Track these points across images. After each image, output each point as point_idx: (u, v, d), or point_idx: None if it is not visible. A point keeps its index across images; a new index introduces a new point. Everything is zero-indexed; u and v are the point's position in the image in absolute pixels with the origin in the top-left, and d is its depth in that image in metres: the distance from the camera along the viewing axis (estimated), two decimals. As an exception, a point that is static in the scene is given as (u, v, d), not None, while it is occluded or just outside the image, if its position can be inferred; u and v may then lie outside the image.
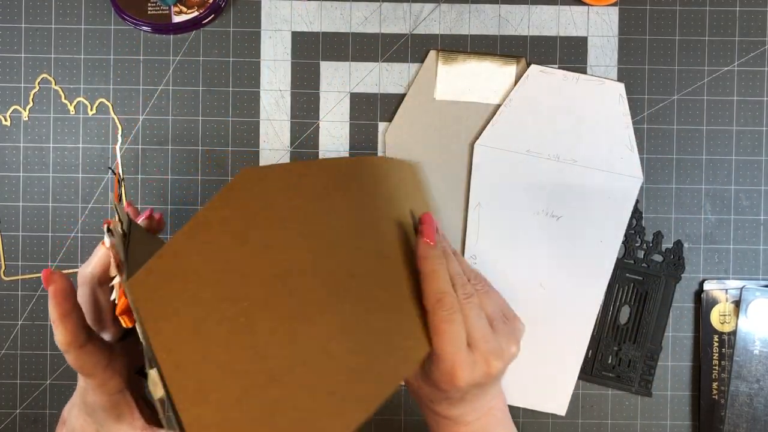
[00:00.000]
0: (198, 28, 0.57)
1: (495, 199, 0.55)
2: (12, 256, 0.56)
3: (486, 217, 0.55)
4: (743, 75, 0.57)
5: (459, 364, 0.40)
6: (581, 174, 0.55)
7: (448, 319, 0.40)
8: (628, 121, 0.55)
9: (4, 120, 0.56)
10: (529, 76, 0.56)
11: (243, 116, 0.57)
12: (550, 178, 0.55)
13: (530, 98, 0.55)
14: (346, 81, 0.57)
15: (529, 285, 0.55)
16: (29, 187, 0.56)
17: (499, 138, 0.55)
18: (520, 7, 0.57)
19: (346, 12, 0.57)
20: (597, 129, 0.55)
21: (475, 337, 0.41)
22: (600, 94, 0.55)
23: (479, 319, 0.42)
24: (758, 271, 0.57)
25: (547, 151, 0.55)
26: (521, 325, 0.44)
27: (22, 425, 0.57)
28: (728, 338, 0.55)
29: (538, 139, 0.55)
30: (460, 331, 0.40)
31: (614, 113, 0.55)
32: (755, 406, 0.55)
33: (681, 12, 0.57)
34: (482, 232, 0.55)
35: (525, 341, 0.54)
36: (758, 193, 0.57)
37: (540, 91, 0.55)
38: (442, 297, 0.41)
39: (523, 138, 0.55)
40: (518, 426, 0.56)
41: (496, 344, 0.42)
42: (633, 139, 0.55)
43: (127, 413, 0.42)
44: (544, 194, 0.55)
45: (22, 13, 0.56)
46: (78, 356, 0.40)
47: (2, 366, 0.57)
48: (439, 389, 0.42)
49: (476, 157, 0.55)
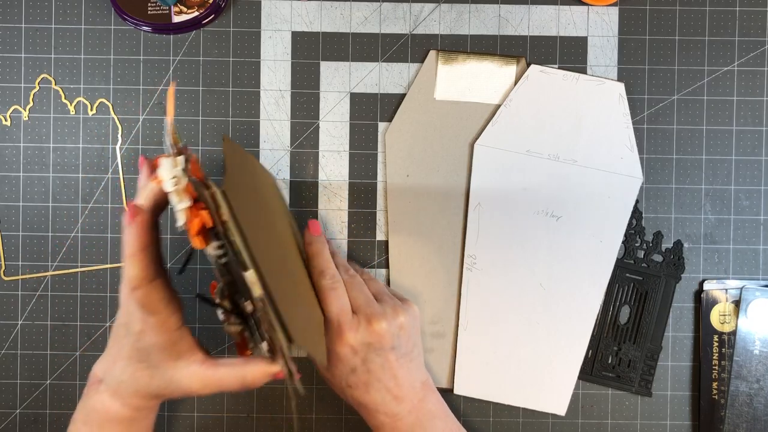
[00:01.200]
0: (198, 28, 0.57)
1: (495, 199, 0.55)
2: (12, 256, 0.57)
3: (486, 217, 0.55)
4: (743, 75, 0.57)
5: (345, 323, 0.47)
6: (581, 174, 0.55)
7: (332, 286, 0.48)
8: (628, 121, 0.55)
9: (4, 120, 0.56)
10: (529, 77, 0.56)
11: (243, 116, 0.57)
12: (550, 178, 0.55)
13: (530, 98, 0.55)
14: (346, 81, 0.57)
15: (528, 285, 0.55)
16: (29, 187, 0.57)
17: (499, 138, 0.55)
18: (520, 7, 0.57)
19: (346, 12, 0.57)
20: (597, 129, 0.55)
21: (358, 304, 0.48)
22: (600, 94, 0.55)
23: (361, 291, 0.49)
24: (758, 271, 0.57)
25: (547, 151, 0.55)
26: (415, 307, 0.51)
27: (22, 425, 0.57)
28: (728, 338, 0.55)
29: (537, 139, 0.55)
30: (343, 296, 0.48)
31: (614, 113, 0.55)
32: (755, 406, 0.55)
33: (681, 12, 0.57)
34: (482, 232, 0.55)
35: (525, 341, 0.55)
36: (758, 193, 0.57)
37: (540, 91, 0.55)
38: (325, 270, 0.49)
39: (523, 138, 0.55)
40: (518, 426, 0.56)
41: (380, 309, 0.48)
42: (633, 139, 0.55)
43: (185, 350, 0.44)
44: (543, 194, 0.55)
45: (22, 13, 0.56)
46: (147, 292, 0.42)
47: (2, 366, 0.57)
48: (339, 360, 0.47)
49: (476, 157, 0.55)
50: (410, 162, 0.56)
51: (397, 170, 0.56)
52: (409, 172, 0.56)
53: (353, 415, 0.57)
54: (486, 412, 0.57)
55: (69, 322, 0.56)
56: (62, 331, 0.57)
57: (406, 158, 0.56)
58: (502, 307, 0.55)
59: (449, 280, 0.56)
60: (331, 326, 0.47)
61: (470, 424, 0.56)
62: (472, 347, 0.55)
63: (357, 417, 0.57)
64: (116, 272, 0.57)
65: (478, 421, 0.57)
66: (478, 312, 0.55)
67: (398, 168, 0.56)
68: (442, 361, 0.56)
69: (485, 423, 0.57)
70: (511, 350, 0.55)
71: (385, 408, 0.48)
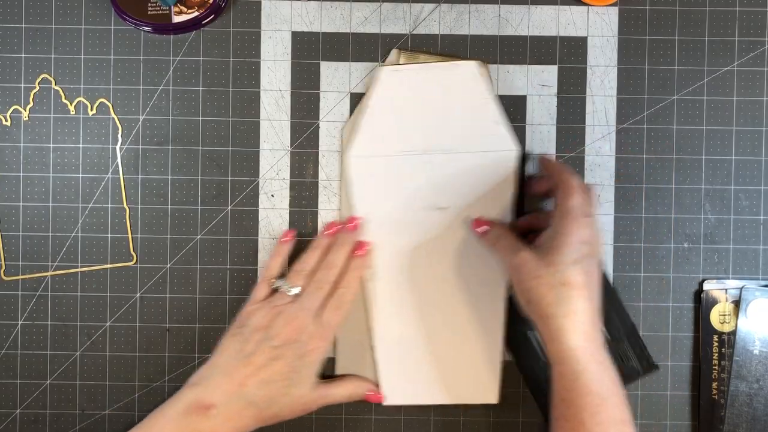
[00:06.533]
0: (198, 29, 0.57)
1: (380, 205, 0.54)
2: (12, 256, 0.57)
3: (375, 227, 0.55)
4: (743, 75, 0.57)
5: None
6: (456, 160, 0.54)
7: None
8: (488, 96, 0.54)
9: (4, 120, 0.56)
10: (381, 79, 0.54)
11: (243, 116, 0.57)
12: (429, 172, 0.54)
13: (389, 99, 0.54)
14: (346, 81, 0.57)
15: (432, 282, 0.55)
16: (29, 187, 0.57)
17: (371, 146, 0.54)
18: (520, 7, 0.57)
19: (346, 12, 0.57)
20: (461, 113, 0.54)
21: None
22: (455, 78, 0.54)
23: None
24: (758, 271, 0.57)
25: (420, 146, 0.54)
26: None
27: (22, 425, 0.57)
28: (728, 338, 0.55)
29: (407, 137, 0.54)
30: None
31: (473, 92, 0.54)
32: (755, 406, 0.55)
33: (681, 12, 0.57)
34: (376, 241, 0.55)
35: (440, 338, 0.55)
36: (758, 193, 0.57)
37: (397, 90, 0.54)
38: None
39: (393, 140, 0.54)
40: (518, 426, 0.56)
41: None
42: (498, 113, 0.54)
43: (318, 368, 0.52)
44: (425, 190, 0.54)
45: (22, 13, 0.56)
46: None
47: (2, 366, 0.57)
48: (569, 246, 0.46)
49: (353, 169, 0.54)
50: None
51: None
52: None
53: (353, 415, 0.57)
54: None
55: (69, 322, 0.56)
56: (62, 331, 0.57)
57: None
58: (411, 310, 0.55)
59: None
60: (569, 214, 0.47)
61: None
62: (391, 356, 0.55)
63: (357, 417, 0.57)
64: (116, 272, 0.57)
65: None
66: (388, 320, 0.55)
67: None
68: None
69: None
70: (429, 350, 0.55)
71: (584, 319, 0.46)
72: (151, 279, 0.57)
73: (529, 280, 0.46)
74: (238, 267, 0.57)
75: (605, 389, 0.44)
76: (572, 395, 0.44)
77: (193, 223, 0.57)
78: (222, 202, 0.57)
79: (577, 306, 0.45)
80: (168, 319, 0.57)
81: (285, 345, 0.49)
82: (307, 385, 0.50)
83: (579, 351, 0.44)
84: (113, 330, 0.57)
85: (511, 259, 0.48)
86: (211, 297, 0.57)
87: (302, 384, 0.50)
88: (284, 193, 0.57)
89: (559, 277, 0.45)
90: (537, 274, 0.46)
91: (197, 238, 0.57)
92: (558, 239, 0.46)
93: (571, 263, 0.45)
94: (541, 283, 0.45)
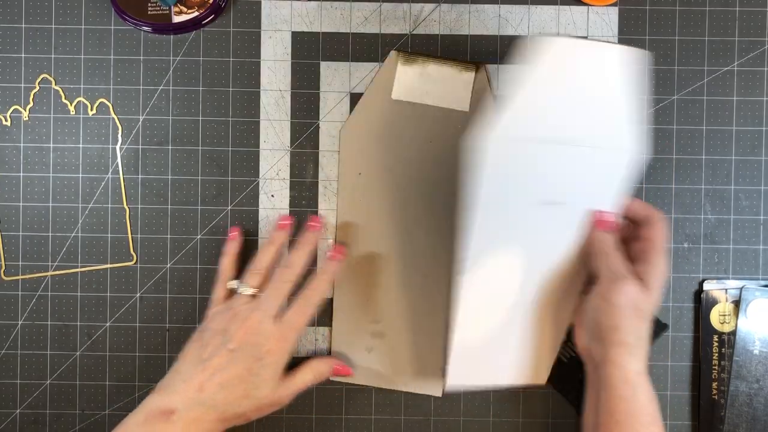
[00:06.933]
0: (198, 29, 0.57)
1: (501, 196, 0.50)
2: (12, 256, 0.57)
3: (490, 216, 0.50)
4: (743, 75, 0.57)
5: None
6: (581, 154, 0.49)
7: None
8: (631, 90, 0.48)
9: (4, 120, 0.56)
10: (546, 50, 0.47)
11: (243, 116, 0.57)
12: (555, 163, 0.49)
13: (547, 74, 0.47)
14: (346, 81, 0.57)
15: (527, 277, 0.52)
16: (29, 187, 0.57)
17: (516, 126, 0.47)
18: (520, 7, 0.57)
19: (346, 12, 0.57)
20: (600, 103, 0.49)
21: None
22: (607, 63, 0.48)
23: None
24: (758, 271, 0.57)
25: (557, 135, 0.49)
26: None
27: (22, 425, 0.57)
28: (728, 338, 0.55)
29: (550, 123, 0.48)
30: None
31: (616, 83, 0.48)
32: (755, 406, 0.55)
33: (681, 12, 0.57)
34: (482, 233, 0.50)
35: (514, 327, 0.54)
36: (758, 193, 0.57)
37: (555, 65, 0.47)
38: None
39: (535, 124, 0.48)
40: (518, 426, 0.56)
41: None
42: (634, 111, 0.49)
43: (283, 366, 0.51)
44: (546, 182, 0.50)
45: (22, 13, 0.56)
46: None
47: (2, 366, 0.57)
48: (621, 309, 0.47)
49: (491, 150, 0.48)
50: (363, 160, 0.56)
51: (349, 168, 0.56)
52: (362, 170, 0.56)
53: (353, 415, 0.57)
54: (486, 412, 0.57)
55: (69, 322, 0.56)
56: (62, 331, 0.57)
57: (358, 156, 0.56)
58: (497, 301, 0.52)
59: (392, 283, 0.56)
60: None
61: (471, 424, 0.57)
62: (466, 343, 0.52)
63: (357, 417, 0.57)
64: (116, 272, 0.57)
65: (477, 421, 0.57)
66: (474, 312, 0.52)
67: (351, 166, 0.56)
68: (383, 361, 0.56)
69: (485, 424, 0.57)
70: (501, 336, 0.52)
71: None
72: (151, 279, 0.57)
73: (627, 308, 0.47)
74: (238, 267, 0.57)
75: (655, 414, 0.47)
76: (630, 419, 0.46)
77: (193, 223, 0.57)
78: (222, 202, 0.57)
79: (645, 334, 0.48)
80: (168, 319, 0.57)
81: (241, 348, 0.48)
82: (269, 386, 0.49)
83: (642, 377, 0.46)
84: (113, 330, 0.57)
85: (614, 282, 0.47)
86: (210, 297, 0.57)
87: (263, 386, 0.49)
88: (284, 193, 0.57)
89: (651, 313, 0.48)
90: (638, 306, 0.47)
91: (197, 238, 0.57)
92: (657, 276, 0.48)
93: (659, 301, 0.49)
94: (637, 315, 0.47)
